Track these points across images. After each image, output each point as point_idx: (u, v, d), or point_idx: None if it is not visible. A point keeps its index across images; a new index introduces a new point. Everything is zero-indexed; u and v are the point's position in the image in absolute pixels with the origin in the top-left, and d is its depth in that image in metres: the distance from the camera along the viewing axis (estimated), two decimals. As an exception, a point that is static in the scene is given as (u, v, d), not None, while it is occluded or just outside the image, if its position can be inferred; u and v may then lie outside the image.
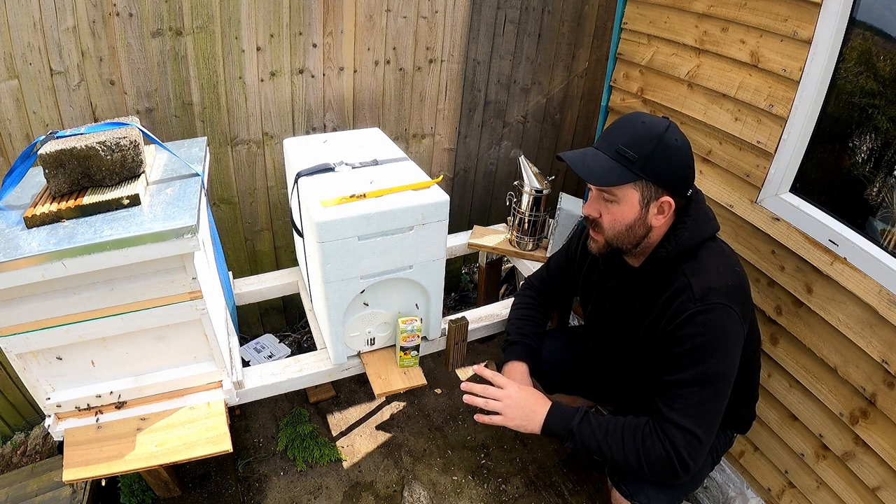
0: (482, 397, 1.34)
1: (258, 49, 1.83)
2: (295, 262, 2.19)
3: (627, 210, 1.19)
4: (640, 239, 1.23)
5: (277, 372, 1.66)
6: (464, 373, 2.35)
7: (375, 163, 1.66)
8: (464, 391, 1.37)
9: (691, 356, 1.16)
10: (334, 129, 2.10)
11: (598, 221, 1.24)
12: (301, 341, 2.44)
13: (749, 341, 1.25)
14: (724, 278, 1.19)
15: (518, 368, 1.52)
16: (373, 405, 2.17)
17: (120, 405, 1.42)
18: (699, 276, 1.18)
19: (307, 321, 2.13)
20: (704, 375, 1.15)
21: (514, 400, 1.31)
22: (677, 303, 1.19)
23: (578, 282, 1.58)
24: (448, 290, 2.67)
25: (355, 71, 2.03)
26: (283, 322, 2.48)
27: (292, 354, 2.13)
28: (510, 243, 2.20)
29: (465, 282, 2.80)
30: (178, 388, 1.45)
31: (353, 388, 2.24)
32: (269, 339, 2.34)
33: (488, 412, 1.33)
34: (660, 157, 1.14)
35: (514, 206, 2.12)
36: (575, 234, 1.66)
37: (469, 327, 1.78)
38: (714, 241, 1.26)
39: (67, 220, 1.19)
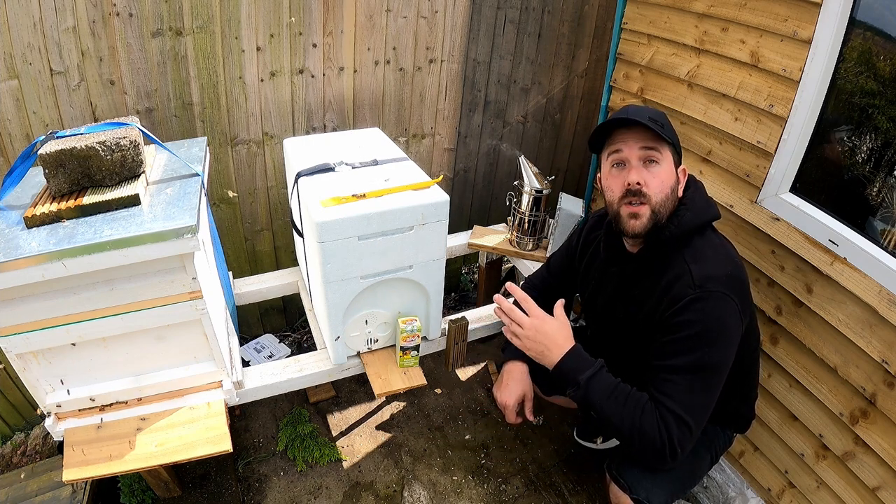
0: (507, 317, 1.36)
1: (258, 49, 1.83)
2: (295, 262, 2.19)
3: (668, 171, 1.22)
4: (672, 208, 1.24)
5: (277, 372, 1.66)
6: (464, 372, 2.35)
7: (375, 163, 1.66)
8: (494, 301, 1.40)
9: (686, 343, 1.16)
10: (334, 129, 2.10)
11: (643, 190, 1.21)
12: (301, 341, 2.44)
13: (749, 338, 1.25)
14: (725, 267, 1.20)
15: (517, 368, 1.52)
16: (373, 405, 2.17)
17: (119, 405, 1.42)
18: (699, 264, 1.19)
19: (307, 321, 2.13)
20: (698, 364, 1.15)
21: (535, 332, 1.32)
22: (676, 288, 1.19)
23: (579, 275, 1.58)
24: (448, 290, 2.67)
25: (355, 71, 2.03)
26: (283, 322, 2.48)
27: (292, 354, 2.13)
28: (510, 243, 2.20)
29: (465, 282, 2.80)
30: (178, 388, 1.45)
31: (353, 388, 2.24)
32: (269, 339, 2.34)
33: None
34: (671, 129, 1.24)
35: (514, 206, 2.12)
36: (576, 231, 1.66)
37: (469, 327, 1.78)
38: (715, 232, 1.27)
39: (67, 220, 1.19)
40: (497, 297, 1.39)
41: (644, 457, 1.20)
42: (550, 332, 1.30)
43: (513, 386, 1.50)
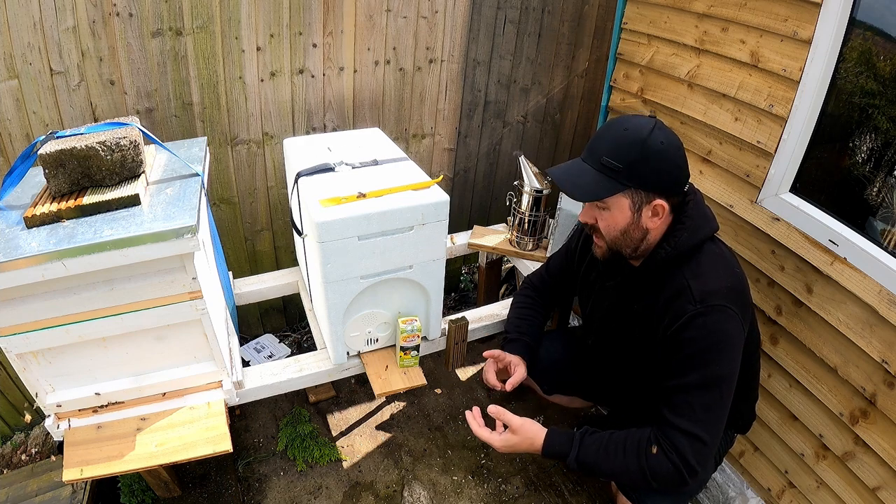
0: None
1: (258, 49, 1.83)
2: (295, 262, 2.19)
3: (619, 216, 1.19)
4: (638, 242, 1.23)
5: (277, 372, 1.66)
6: (464, 372, 2.35)
7: (375, 163, 1.66)
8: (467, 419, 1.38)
9: (693, 360, 1.16)
10: (334, 129, 2.10)
11: (597, 227, 1.24)
12: (301, 341, 2.44)
13: (749, 341, 1.25)
14: (724, 280, 1.19)
15: (514, 356, 1.53)
16: (373, 405, 2.17)
17: (119, 405, 1.42)
18: (698, 279, 1.18)
19: (307, 321, 2.13)
20: (708, 379, 1.15)
21: (511, 445, 1.31)
22: (676, 305, 1.19)
23: (578, 280, 1.58)
24: (448, 290, 2.67)
25: (355, 71, 2.03)
26: (283, 322, 2.48)
27: (292, 354, 2.13)
28: (510, 243, 2.20)
29: (465, 282, 2.80)
30: (178, 388, 1.45)
31: (353, 388, 2.24)
32: (269, 339, 2.35)
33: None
34: (645, 164, 1.12)
35: (514, 206, 2.12)
36: (575, 232, 1.66)
37: (469, 327, 1.78)
38: (713, 243, 1.25)
39: (67, 220, 1.19)
40: (468, 414, 1.37)
41: (664, 488, 1.20)
42: (522, 440, 1.29)
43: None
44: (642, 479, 1.18)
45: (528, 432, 1.29)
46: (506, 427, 1.32)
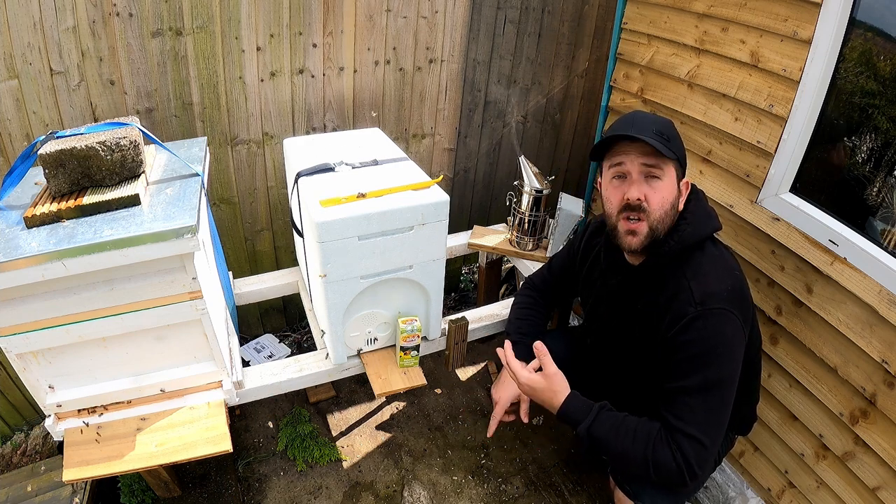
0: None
1: (258, 49, 1.83)
2: (295, 262, 2.19)
3: (670, 187, 1.20)
4: (673, 223, 1.23)
5: (277, 372, 1.66)
6: (464, 372, 2.35)
7: (375, 163, 1.66)
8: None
9: (694, 363, 1.16)
10: (334, 129, 2.10)
11: (644, 206, 1.20)
12: (301, 341, 2.44)
13: (750, 343, 1.25)
14: (724, 282, 1.19)
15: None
16: (373, 405, 2.17)
17: (119, 405, 1.42)
18: (699, 280, 1.18)
19: (307, 321, 2.13)
20: (708, 382, 1.15)
21: (533, 388, 1.34)
22: (677, 305, 1.19)
23: (580, 280, 1.58)
24: (448, 290, 2.67)
25: (355, 71, 2.03)
26: (283, 322, 2.48)
27: (292, 354, 2.13)
28: (510, 243, 2.20)
29: (466, 282, 2.80)
30: (178, 388, 1.45)
31: (353, 388, 2.24)
32: (269, 339, 2.35)
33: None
34: (679, 141, 1.23)
35: (514, 206, 2.12)
36: (578, 233, 1.66)
37: (469, 327, 1.78)
38: (714, 244, 1.26)
39: (67, 220, 1.19)
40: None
41: (662, 483, 1.20)
42: (548, 388, 1.31)
43: (510, 384, 1.50)
44: (644, 468, 1.18)
45: (556, 385, 1.30)
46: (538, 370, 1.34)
